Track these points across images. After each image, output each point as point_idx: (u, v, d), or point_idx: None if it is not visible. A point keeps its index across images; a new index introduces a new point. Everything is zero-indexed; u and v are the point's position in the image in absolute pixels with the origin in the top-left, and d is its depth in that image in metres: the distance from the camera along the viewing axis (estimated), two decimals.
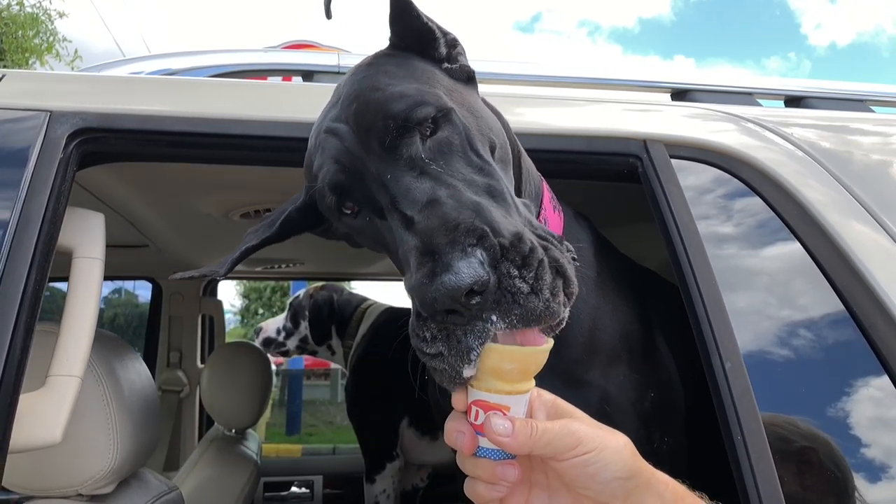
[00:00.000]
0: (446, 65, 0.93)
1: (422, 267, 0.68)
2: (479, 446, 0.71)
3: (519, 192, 0.94)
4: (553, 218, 1.03)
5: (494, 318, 0.66)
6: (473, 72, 0.96)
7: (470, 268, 0.65)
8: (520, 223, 0.74)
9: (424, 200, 0.73)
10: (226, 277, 1.08)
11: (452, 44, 0.95)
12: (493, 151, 0.84)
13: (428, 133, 0.80)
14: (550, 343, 0.71)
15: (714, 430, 0.98)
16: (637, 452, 0.71)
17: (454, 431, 0.71)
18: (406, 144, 0.79)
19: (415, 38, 0.92)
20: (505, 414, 0.69)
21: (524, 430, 0.68)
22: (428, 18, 0.91)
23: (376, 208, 0.80)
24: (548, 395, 0.74)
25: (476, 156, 0.81)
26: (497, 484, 0.71)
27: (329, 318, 3.13)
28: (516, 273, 0.67)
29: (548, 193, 1.04)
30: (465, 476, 0.74)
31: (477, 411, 0.70)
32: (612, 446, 0.69)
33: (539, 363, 0.70)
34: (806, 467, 0.99)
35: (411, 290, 0.69)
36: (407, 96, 0.80)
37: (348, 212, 0.84)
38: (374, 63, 0.89)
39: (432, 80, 0.87)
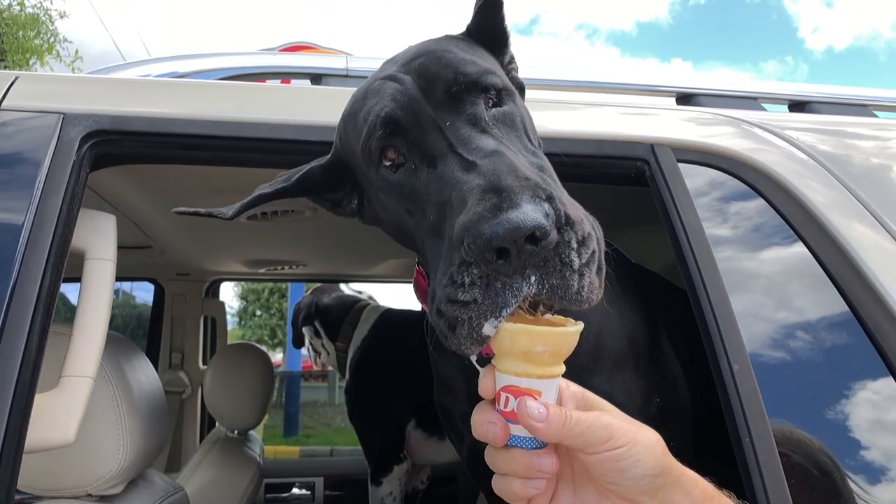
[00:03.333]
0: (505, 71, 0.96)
1: (484, 202, 0.66)
2: (510, 434, 0.68)
3: None
4: None
5: (533, 279, 0.65)
6: (524, 86, 0.99)
7: (537, 213, 0.64)
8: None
9: (489, 150, 0.73)
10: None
11: (511, 59, 0.98)
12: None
13: (491, 105, 0.81)
14: (580, 326, 0.70)
15: (722, 432, 0.99)
16: (667, 449, 0.70)
17: (484, 423, 0.69)
18: (471, 102, 0.79)
19: (490, 35, 0.94)
20: (537, 399, 0.66)
21: (558, 416, 0.65)
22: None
23: (426, 156, 0.78)
24: (576, 387, 0.72)
25: (529, 140, 0.82)
26: (533, 478, 0.68)
27: (305, 321, 3.14)
28: (575, 245, 0.66)
29: None
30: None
31: (507, 398, 0.68)
32: (644, 442, 0.68)
33: (570, 345, 0.68)
34: (813, 471, 1.00)
35: (465, 226, 0.66)
36: (477, 64, 0.82)
37: (388, 163, 0.81)
38: (445, 39, 0.90)
39: (497, 70, 0.89)
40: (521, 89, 0.97)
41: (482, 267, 0.65)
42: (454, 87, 0.79)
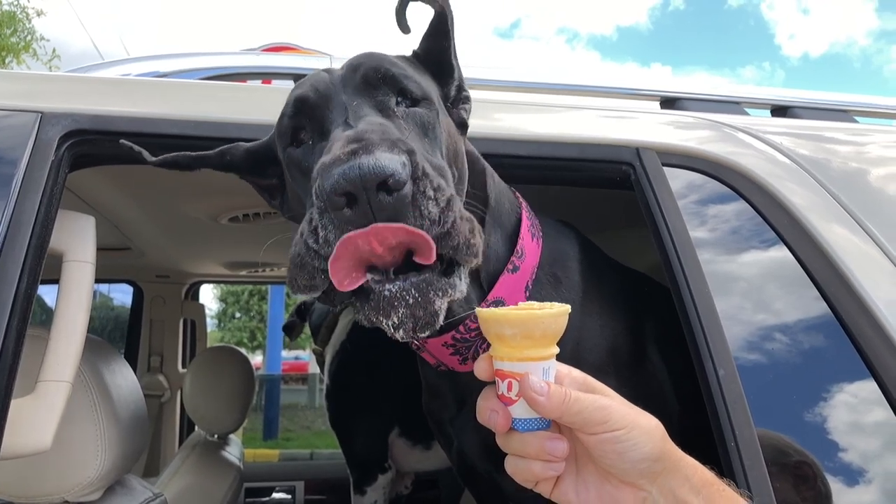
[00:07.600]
0: (448, 104, 0.96)
1: (345, 148, 0.66)
2: (513, 418, 0.71)
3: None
4: (530, 247, 1.02)
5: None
6: (467, 125, 0.98)
7: (393, 162, 0.64)
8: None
9: (376, 123, 0.74)
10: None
11: (465, 99, 0.98)
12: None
13: (406, 105, 0.83)
14: (558, 308, 0.71)
15: (708, 437, 0.99)
16: (667, 436, 0.72)
17: (488, 410, 0.72)
18: (383, 93, 0.82)
19: (435, 63, 0.94)
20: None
21: (558, 393, 0.68)
22: (455, 58, 0.94)
23: (323, 130, 0.80)
24: (578, 373, 0.74)
25: (438, 150, 0.82)
26: (551, 461, 0.70)
27: (292, 321, 3.20)
28: (432, 194, 0.66)
29: (527, 222, 1.03)
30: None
31: (498, 382, 0.71)
32: (643, 426, 0.69)
33: (542, 327, 0.69)
34: (798, 475, 1.00)
35: (321, 167, 0.67)
36: (404, 71, 0.84)
37: (295, 143, 0.85)
38: (391, 54, 0.92)
39: (427, 86, 0.88)
40: (462, 125, 0.97)
41: (332, 214, 0.66)
42: (372, 75, 0.82)
